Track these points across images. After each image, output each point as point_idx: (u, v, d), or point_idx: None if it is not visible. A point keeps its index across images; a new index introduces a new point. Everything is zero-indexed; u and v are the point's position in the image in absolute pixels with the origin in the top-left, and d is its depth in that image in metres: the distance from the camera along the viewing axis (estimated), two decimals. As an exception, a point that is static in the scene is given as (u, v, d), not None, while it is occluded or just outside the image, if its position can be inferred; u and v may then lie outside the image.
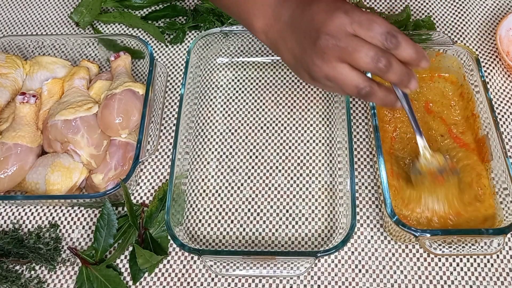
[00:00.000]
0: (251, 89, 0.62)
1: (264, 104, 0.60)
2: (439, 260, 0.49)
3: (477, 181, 0.50)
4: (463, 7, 0.67)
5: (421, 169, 0.47)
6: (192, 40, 0.61)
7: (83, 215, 0.54)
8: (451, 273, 0.48)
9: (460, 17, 0.66)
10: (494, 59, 0.62)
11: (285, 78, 0.62)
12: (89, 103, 0.53)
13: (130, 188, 0.54)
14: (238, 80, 0.62)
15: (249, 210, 0.53)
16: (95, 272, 0.49)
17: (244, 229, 0.52)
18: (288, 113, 0.59)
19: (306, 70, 0.40)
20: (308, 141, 0.57)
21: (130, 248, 0.51)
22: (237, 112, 0.60)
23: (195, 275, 0.49)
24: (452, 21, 0.66)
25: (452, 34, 0.65)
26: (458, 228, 0.48)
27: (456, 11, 0.67)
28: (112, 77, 0.59)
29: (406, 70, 0.38)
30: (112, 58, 0.59)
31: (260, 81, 0.62)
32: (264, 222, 0.52)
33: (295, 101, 0.60)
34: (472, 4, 0.67)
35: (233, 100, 0.61)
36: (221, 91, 0.62)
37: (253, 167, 0.56)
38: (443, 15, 0.66)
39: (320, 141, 0.57)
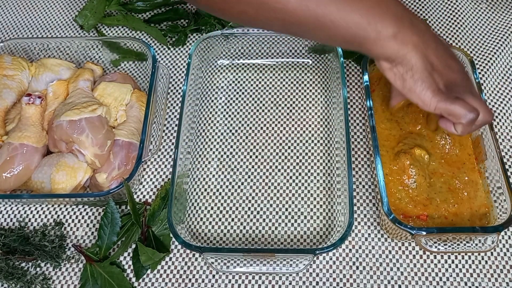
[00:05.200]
0: (251, 90, 0.63)
1: (264, 105, 0.61)
2: (435, 257, 0.50)
3: (471, 179, 0.51)
4: (458, 10, 0.68)
5: None
6: (194, 43, 0.62)
7: (87, 213, 0.55)
8: (446, 270, 0.49)
9: (455, 20, 0.67)
10: (489, 61, 0.63)
11: (284, 80, 0.63)
12: (93, 104, 0.54)
13: (133, 187, 0.55)
14: (239, 82, 0.64)
15: (249, 208, 0.54)
16: (99, 269, 0.49)
17: (244, 227, 0.53)
18: (287, 113, 0.60)
19: (436, 77, 0.40)
20: (307, 141, 0.58)
21: (133, 246, 0.51)
22: (238, 113, 0.61)
23: (197, 272, 0.50)
24: (447, 24, 0.67)
25: (447, 37, 0.66)
26: (453, 226, 0.49)
27: (451, 14, 0.68)
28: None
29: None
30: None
31: (260, 82, 0.63)
32: (264, 220, 0.53)
33: (294, 102, 0.61)
34: (467, 7, 0.68)
35: (234, 101, 0.62)
36: (222, 92, 0.63)
37: (253, 167, 0.57)
38: (438, 18, 0.68)
39: (318, 141, 0.58)
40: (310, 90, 0.62)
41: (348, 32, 0.38)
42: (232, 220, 0.53)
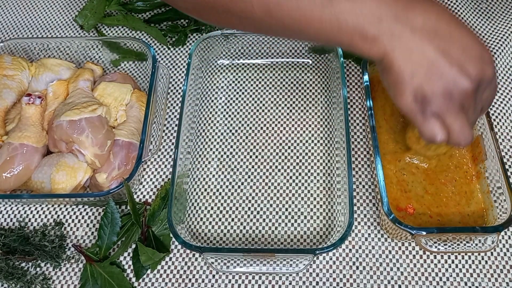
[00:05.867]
0: (251, 90, 0.63)
1: (264, 105, 0.61)
2: (435, 257, 0.50)
3: (469, 180, 0.51)
4: (458, 10, 0.68)
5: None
6: (194, 43, 0.62)
7: (87, 213, 0.55)
8: (446, 270, 0.49)
9: (456, 20, 0.67)
10: (489, 61, 0.63)
11: (284, 80, 0.63)
12: (93, 104, 0.54)
13: (133, 187, 0.55)
14: (239, 82, 0.64)
15: (249, 208, 0.54)
16: (99, 269, 0.49)
17: (244, 227, 0.53)
18: (288, 114, 0.60)
19: (411, 80, 0.36)
20: (307, 141, 0.58)
21: (133, 246, 0.51)
22: (238, 113, 0.61)
23: (197, 272, 0.50)
24: (448, 24, 0.67)
25: (448, 36, 0.66)
26: (453, 226, 0.49)
27: (452, 14, 0.68)
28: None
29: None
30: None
31: (260, 82, 0.63)
32: (264, 220, 0.53)
33: (294, 102, 0.61)
34: (467, 7, 0.68)
35: (234, 101, 0.62)
36: (222, 92, 0.63)
37: (253, 167, 0.57)
38: (439, 18, 0.68)
39: (318, 141, 0.58)
40: (310, 90, 0.62)
41: (320, 38, 0.36)
42: (232, 220, 0.53)
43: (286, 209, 0.54)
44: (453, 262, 0.50)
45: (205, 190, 0.55)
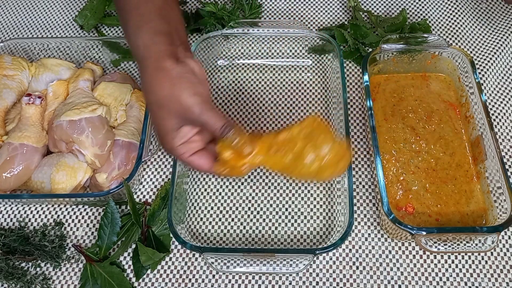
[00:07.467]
0: (251, 90, 0.63)
1: (264, 105, 0.61)
2: (435, 257, 0.50)
3: (469, 179, 0.51)
4: (458, 10, 0.68)
5: None
6: (194, 43, 0.62)
7: (87, 213, 0.55)
8: (446, 270, 0.49)
9: (455, 20, 0.67)
10: (489, 61, 0.63)
11: (284, 80, 0.63)
12: (93, 104, 0.54)
13: (133, 187, 0.55)
14: (239, 82, 0.64)
15: (249, 208, 0.54)
16: (99, 269, 0.50)
17: (244, 227, 0.53)
18: (287, 114, 0.60)
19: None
20: (307, 141, 0.58)
21: (133, 246, 0.51)
22: (238, 113, 0.61)
23: (197, 272, 0.50)
24: (447, 24, 0.67)
25: (447, 37, 0.66)
26: (453, 226, 0.49)
27: (451, 14, 0.68)
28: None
29: None
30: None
31: (260, 82, 0.63)
32: (264, 220, 0.53)
33: (294, 102, 0.61)
34: (467, 7, 0.68)
35: (234, 101, 0.62)
36: (221, 92, 0.63)
37: (253, 167, 0.57)
38: (438, 18, 0.68)
39: (318, 141, 0.58)
40: (310, 91, 0.62)
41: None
42: (232, 220, 0.53)
43: (286, 209, 0.54)
44: (453, 262, 0.50)
45: (205, 190, 0.55)
